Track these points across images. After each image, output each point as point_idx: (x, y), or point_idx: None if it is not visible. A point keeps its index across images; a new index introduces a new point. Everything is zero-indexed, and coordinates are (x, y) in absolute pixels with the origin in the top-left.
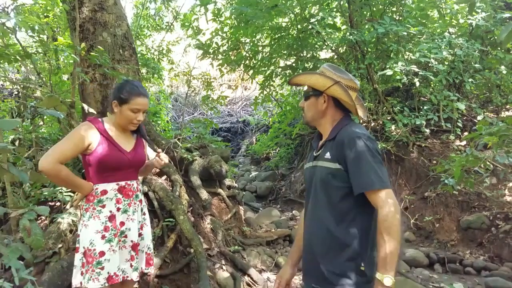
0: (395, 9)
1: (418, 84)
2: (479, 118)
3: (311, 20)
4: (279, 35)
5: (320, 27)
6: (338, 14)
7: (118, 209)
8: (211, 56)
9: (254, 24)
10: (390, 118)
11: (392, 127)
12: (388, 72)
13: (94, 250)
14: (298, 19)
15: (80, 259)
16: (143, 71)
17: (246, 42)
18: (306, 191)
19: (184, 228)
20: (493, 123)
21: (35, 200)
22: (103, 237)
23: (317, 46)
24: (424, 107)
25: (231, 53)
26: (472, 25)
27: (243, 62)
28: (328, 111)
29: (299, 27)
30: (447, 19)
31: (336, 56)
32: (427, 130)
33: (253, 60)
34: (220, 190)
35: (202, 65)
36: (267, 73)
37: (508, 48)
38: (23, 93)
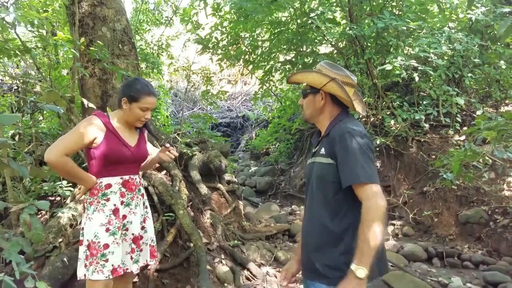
0: (394, 3)
1: (417, 79)
2: (479, 113)
3: (311, 14)
4: (278, 29)
5: (319, 21)
6: (338, 9)
7: (122, 202)
8: (211, 51)
9: (253, 18)
10: (389, 113)
11: (392, 122)
12: (387, 67)
13: (99, 242)
14: (297, 13)
15: (84, 252)
16: (143, 66)
17: (246, 36)
18: (306, 187)
19: (184, 222)
20: (492, 118)
21: (35, 195)
22: (107, 230)
23: (316, 40)
24: (423, 102)
25: (230, 48)
26: (472, 19)
27: (243, 57)
28: (325, 108)
29: (299, 22)
30: (446, 13)
31: (335, 51)
32: (426, 125)
33: (252, 55)
34: (219, 185)
35: (201, 60)
36: (266, 68)
37: (507, 43)
38: (23, 88)
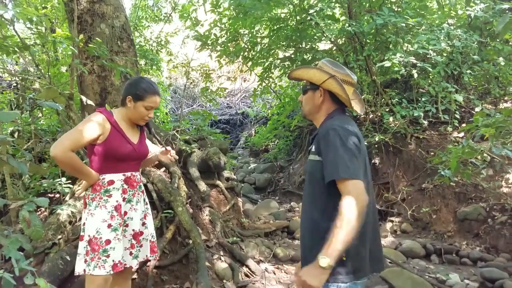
0: (394, 0)
1: (416, 75)
2: (477, 109)
3: (310, 11)
4: (277, 26)
5: (319, 18)
6: (337, 5)
7: (124, 199)
8: (210, 47)
9: (252, 15)
10: (388, 109)
11: (390, 119)
12: (386, 64)
13: (101, 238)
14: (297, 10)
15: (84, 247)
16: (142, 62)
17: (245, 33)
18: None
19: (183, 219)
20: (490, 114)
21: (35, 192)
22: (109, 226)
23: (316, 37)
24: (422, 98)
25: (229, 44)
26: (471, 16)
27: (242, 53)
28: (324, 105)
29: (298, 18)
30: (446, 10)
31: (334, 48)
32: (425, 122)
33: (251, 51)
34: (218, 182)
35: (200, 56)
36: (265, 64)
37: (506, 39)
38: (22, 85)
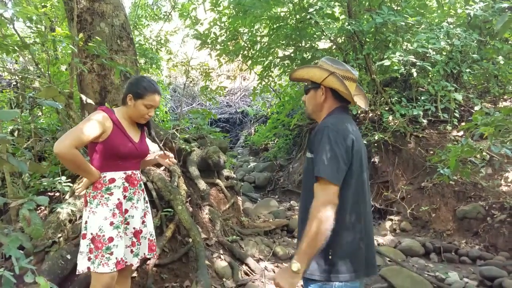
0: None
1: (415, 74)
2: (477, 108)
3: (310, 9)
4: (277, 25)
5: (318, 17)
6: (337, 4)
7: (125, 197)
8: (210, 46)
9: (252, 13)
10: (387, 108)
11: (390, 118)
12: (386, 63)
13: (103, 236)
14: (296, 8)
15: (87, 245)
16: (141, 61)
17: (245, 32)
18: None
19: (183, 218)
20: (490, 113)
21: (35, 190)
22: (112, 223)
23: (315, 36)
24: (421, 97)
25: (229, 43)
26: (470, 15)
27: (242, 52)
28: (326, 103)
29: (298, 17)
30: (445, 9)
31: (334, 46)
32: (425, 121)
33: (251, 50)
34: (218, 181)
35: (200, 55)
36: (265, 63)
37: (506, 38)
38: (22, 83)
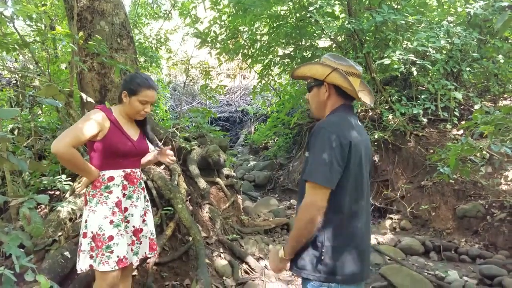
0: None
1: (415, 73)
2: (477, 107)
3: (310, 8)
4: (277, 23)
5: (318, 15)
6: (337, 2)
7: (124, 195)
8: (209, 45)
9: (252, 12)
10: (387, 107)
11: (390, 116)
12: (386, 61)
13: (103, 234)
14: (296, 7)
15: (88, 244)
16: (141, 60)
17: (244, 30)
18: None
19: (183, 216)
20: (490, 112)
21: (35, 189)
22: (111, 222)
23: (315, 34)
24: (421, 96)
25: (229, 41)
26: (470, 13)
27: (242, 51)
28: (329, 101)
29: (298, 16)
30: (445, 7)
31: (334, 45)
32: (424, 119)
33: (251, 49)
34: (218, 179)
35: (200, 54)
36: (265, 62)
37: (506, 37)
38: (22, 82)
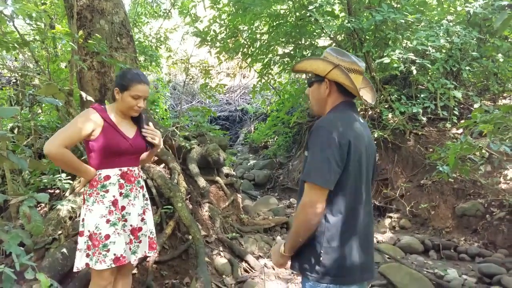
0: None
1: (415, 72)
2: (476, 106)
3: (309, 7)
4: (277, 22)
5: (318, 14)
6: (337, 1)
7: (121, 194)
8: (209, 43)
9: (252, 11)
10: (387, 106)
11: (389, 115)
12: (385, 60)
13: (100, 233)
14: (296, 6)
15: (85, 242)
16: (141, 58)
17: (244, 29)
18: None
19: (183, 215)
20: (489, 111)
21: (35, 188)
22: (108, 221)
23: (315, 33)
24: (421, 95)
25: (229, 40)
26: (470, 12)
27: (241, 50)
28: (330, 98)
29: (297, 15)
30: (445, 6)
31: (334, 44)
32: (424, 118)
33: (251, 48)
34: (218, 178)
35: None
36: (265, 61)
37: (505, 36)
38: (22, 81)
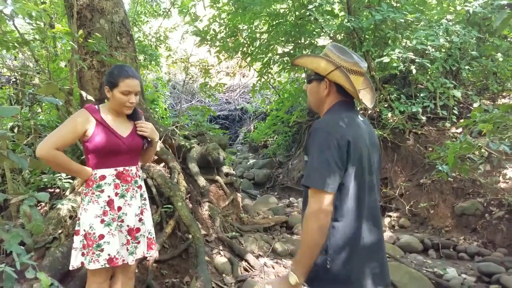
0: None
1: (415, 71)
2: (475, 105)
3: (309, 6)
4: (276, 21)
5: (318, 13)
6: (336, 1)
7: (116, 194)
8: (209, 43)
9: (251, 10)
10: (387, 105)
11: (389, 115)
12: (385, 60)
13: (94, 233)
14: (296, 5)
15: (80, 241)
16: (141, 58)
17: (244, 29)
18: None
19: (183, 214)
20: (488, 110)
21: (35, 187)
22: (102, 221)
23: (315, 33)
24: (420, 94)
25: (228, 40)
26: (469, 12)
27: (241, 49)
28: (329, 98)
29: (297, 14)
30: (444, 6)
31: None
32: (423, 118)
33: (250, 47)
34: (217, 177)
35: (199, 52)
36: (264, 60)
37: (505, 35)
38: (21, 80)
